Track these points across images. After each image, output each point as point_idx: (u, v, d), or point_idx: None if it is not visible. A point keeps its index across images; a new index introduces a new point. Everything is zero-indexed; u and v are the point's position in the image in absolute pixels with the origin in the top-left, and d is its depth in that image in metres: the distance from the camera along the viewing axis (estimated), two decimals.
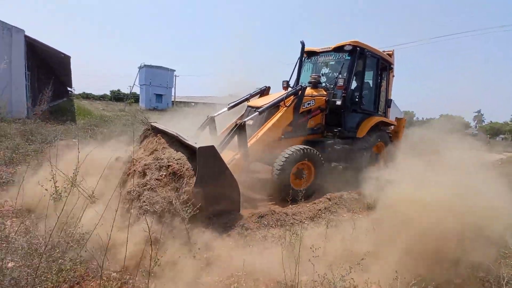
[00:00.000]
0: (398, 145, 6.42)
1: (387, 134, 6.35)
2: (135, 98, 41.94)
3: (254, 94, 5.57)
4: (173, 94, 41.83)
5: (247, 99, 5.43)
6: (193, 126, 5.06)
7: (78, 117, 12.47)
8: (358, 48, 5.19)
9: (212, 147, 2.77)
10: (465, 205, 2.43)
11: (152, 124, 4.05)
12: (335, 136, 5.18)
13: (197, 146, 2.68)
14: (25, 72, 10.91)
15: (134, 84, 40.75)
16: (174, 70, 40.73)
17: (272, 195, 4.23)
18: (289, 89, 5.65)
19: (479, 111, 61.23)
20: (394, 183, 3.22)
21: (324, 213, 3.45)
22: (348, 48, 5.20)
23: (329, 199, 3.88)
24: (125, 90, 52.21)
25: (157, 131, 3.78)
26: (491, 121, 55.23)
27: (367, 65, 5.54)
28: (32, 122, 7.81)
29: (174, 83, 41.12)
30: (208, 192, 2.67)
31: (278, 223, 3.06)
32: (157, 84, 38.38)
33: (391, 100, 6.60)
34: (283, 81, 5.93)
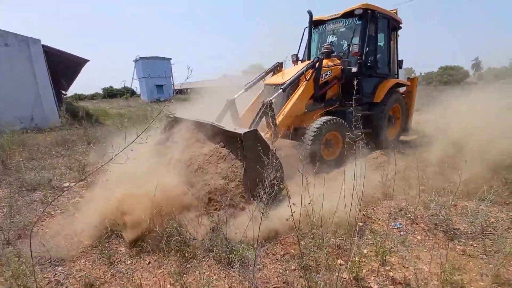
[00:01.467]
0: (413, 105, 6.58)
1: (401, 95, 6.30)
2: (129, 93, 41.81)
3: (268, 72, 5.47)
4: (172, 82, 41.78)
5: (262, 78, 5.35)
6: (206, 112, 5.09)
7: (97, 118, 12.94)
8: (369, 11, 5.02)
9: (256, 131, 2.81)
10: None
11: (177, 116, 4.17)
12: (353, 104, 5.35)
13: (242, 132, 2.72)
14: (50, 81, 11.38)
15: (133, 78, 40.92)
16: (170, 59, 40.42)
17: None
18: (299, 62, 5.69)
19: (476, 59, 59.90)
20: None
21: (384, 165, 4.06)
22: (358, 12, 5.02)
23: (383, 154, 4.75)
24: (117, 85, 51.97)
25: (189, 123, 3.87)
26: (489, 67, 54.20)
27: (379, 28, 5.37)
28: (71, 128, 8.39)
29: (171, 71, 40.99)
30: (257, 175, 2.66)
31: None
32: (156, 75, 38.27)
33: (402, 60, 6.44)
34: (292, 55, 5.79)
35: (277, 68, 5.56)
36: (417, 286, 1.80)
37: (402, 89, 6.51)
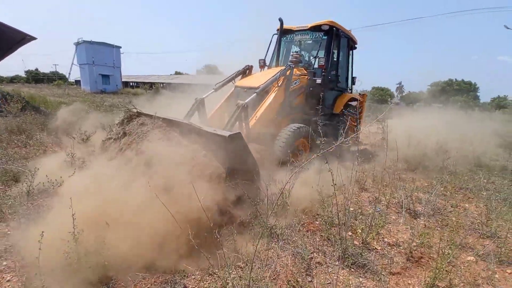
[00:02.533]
0: (362, 118, 7.20)
1: (355, 108, 6.70)
2: (61, 79, 36.91)
3: (238, 74, 5.46)
4: (122, 74, 38.48)
5: (232, 79, 5.33)
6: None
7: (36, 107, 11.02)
8: (334, 28, 5.37)
9: (240, 133, 2.70)
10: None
11: (143, 112, 3.71)
12: (316, 114, 5.28)
13: (226, 134, 2.58)
14: None
15: (72, 63, 36.28)
16: (120, 47, 37.22)
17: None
18: (266, 67, 5.88)
19: (400, 83, 71.01)
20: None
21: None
22: (325, 27, 5.33)
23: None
24: (45, 69, 45.31)
25: (159, 119, 3.40)
26: (409, 91, 64.96)
27: (341, 45, 5.77)
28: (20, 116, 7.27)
29: (120, 61, 37.74)
30: (240, 177, 2.63)
31: None
32: (102, 63, 34.74)
33: (355, 77, 6.96)
34: (260, 60, 5.87)
35: (246, 71, 5.60)
36: (404, 246, 2.49)
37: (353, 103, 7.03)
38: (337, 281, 1.92)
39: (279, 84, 4.55)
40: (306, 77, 5.23)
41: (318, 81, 5.30)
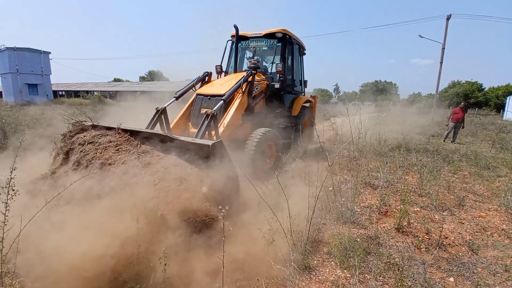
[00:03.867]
0: (314, 118, 7.87)
1: (308, 109, 7.21)
2: None
3: (198, 81, 5.35)
4: (52, 82, 34.17)
5: (193, 86, 5.19)
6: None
7: None
8: (287, 36, 5.68)
9: (221, 141, 2.69)
10: None
11: (100, 125, 3.33)
12: (276, 117, 5.58)
13: (209, 143, 2.55)
14: None
15: None
16: (49, 53, 33.10)
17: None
18: (223, 74, 5.90)
19: (336, 84, 79.42)
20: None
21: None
22: (279, 35, 5.62)
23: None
24: None
25: (124, 131, 3.09)
26: (344, 92, 73.04)
27: (294, 51, 6.11)
28: None
29: (50, 69, 33.55)
30: (224, 184, 2.60)
31: None
32: (28, 71, 30.46)
33: (306, 81, 7.34)
34: (217, 66, 5.84)
35: (206, 77, 5.53)
36: (374, 207, 3.45)
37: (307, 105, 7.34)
38: (339, 233, 2.71)
39: (242, 90, 4.61)
40: (266, 82, 5.40)
41: (277, 85, 5.57)
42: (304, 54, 7.14)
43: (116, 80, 60.51)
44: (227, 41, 6.12)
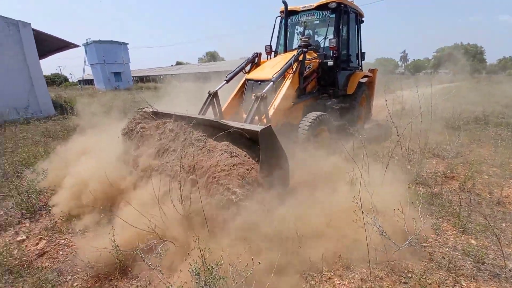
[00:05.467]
0: (373, 95, 7.02)
1: (366, 85, 6.48)
2: (59, 80, 38.15)
3: (248, 63, 5.25)
4: (131, 69, 39.52)
5: (243, 68, 5.12)
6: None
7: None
8: (342, 5, 5.09)
9: (270, 127, 2.65)
10: None
11: (161, 111, 3.71)
12: (330, 97, 5.25)
13: (258, 129, 2.55)
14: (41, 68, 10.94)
15: (85, 64, 37.31)
16: (127, 43, 37.99)
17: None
18: (272, 54, 5.71)
19: (404, 51, 70.28)
20: None
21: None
22: (332, 5, 5.04)
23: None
24: (46, 71, 46.73)
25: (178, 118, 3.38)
26: (414, 59, 64.34)
27: (350, 21, 5.49)
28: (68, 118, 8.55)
29: (129, 58, 38.69)
30: (270, 172, 2.64)
31: None
32: (112, 61, 35.80)
33: (364, 53, 6.54)
34: (266, 46, 5.64)
35: (255, 59, 5.36)
36: (441, 173, 3.90)
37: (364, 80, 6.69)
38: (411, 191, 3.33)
39: (293, 71, 4.42)
40: (318, 60, 5.07)
41: (330, 63, 5.12)
42: (362, 22, 6.34)
43: (178, 63, 65.84)
44: (276, 18, 5.69)
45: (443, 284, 1.90)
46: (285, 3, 4.97)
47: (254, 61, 5.33)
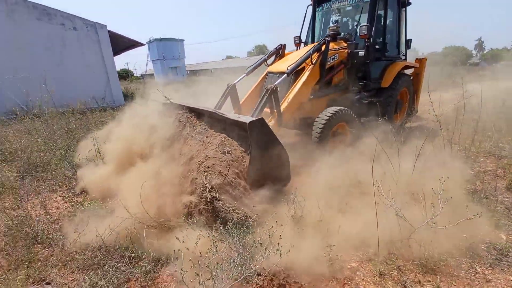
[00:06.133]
0: (420, 88, 6.23)
1: (409, 77, 5.90)
2: (126, 75, 42.67)
3: (270, 55, 5.11)
4: (186, 63, 42.72)
5: (264, 61, 5.00)
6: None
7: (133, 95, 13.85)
8: None
9: (262, 119, 2.61)
10: None
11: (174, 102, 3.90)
12: (360, 90, 4.87)
13: (247, 120, 2.52)
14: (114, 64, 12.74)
15: (147, 60, 41.66)
16: (183, 40, 41.05)
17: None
18: (302, 45, 5.42)
19: (479, 39, 60.44)
20: None
21: None
22: None
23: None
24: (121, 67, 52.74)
25: (188, 110, 3.60)
26: (491, 48, 54.99)
27: (388, 5, 4.91)
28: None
29: (184, 53, 41.84)
30: (262, 166, 2.60)
31: None
32: (170, 56, 39.18)
33: (410, 40, 5.84)
34: (295, 37, 5.35)
35: (279, 50, 5.17)
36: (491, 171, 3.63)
37: (409, 71, 6.13)
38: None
39: (313, 62, 4.15)
40: (346, 50, 4.66)
41: (361, 53, 4.65)
42: (409, 4, 5.65)
43: (228, 57, 68.35)
44: (308, 6, 5.32)
45: (458, 267, 1.96)
46: None
47: (278, 53, 5.18)
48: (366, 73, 4.91)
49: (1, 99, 8.76)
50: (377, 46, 4.95)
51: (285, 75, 3.86)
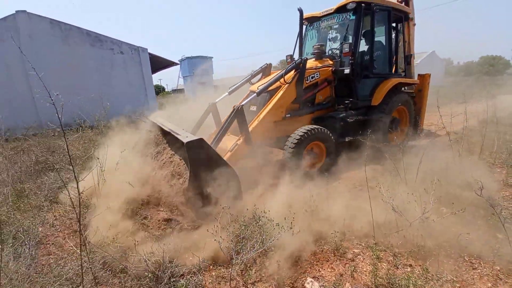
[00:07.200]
0: (424, 105, 6.04)
1: (410, 95, 5.71)
2: (159, 90, 45.96)
3: (254, 74, 5.12)
4: (214, 78, 45.11)
5: (249, 80, 5.03)
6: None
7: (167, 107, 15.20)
8: (363, 4, 4.54)
9: (200, 139, 2.63)
10: None
11: (151, 120, 4.19)
12: (347, 108, 4.75)
13: (185, 140, 2.57)
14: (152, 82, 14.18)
15: (179, 77, 44.71)
16: (212, 57, 43.60)
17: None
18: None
19: None
20: None
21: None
22: (351, 6, 4.53)
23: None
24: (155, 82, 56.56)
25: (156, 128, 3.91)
26: None
27: (376, 21, 4.82)
28: None
29: (213, 69, 44.32)
30: (203, 185, 2.64)
31: None
32: (199, 73, 41.75)
33: (411, 55, 5.79)
34: (287, 56, 5.39)
35: (265, 69, 5.21)
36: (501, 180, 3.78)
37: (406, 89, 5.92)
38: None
39: (287, 81, 4.19)
40: (330, 68, 4.68)
41: (347, 70, 4.60)
42: (409, 19, 5.56)
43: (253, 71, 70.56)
44: (302, 26, 5.20)
45: (447, 256, 2.27)
46: (300, 11, 4.56)
47: (264, 72, 5.23)
48: (353, 90, 4.83)
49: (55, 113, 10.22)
50: (363, 63, 4.90)
51: (254, 94, 4.04)
